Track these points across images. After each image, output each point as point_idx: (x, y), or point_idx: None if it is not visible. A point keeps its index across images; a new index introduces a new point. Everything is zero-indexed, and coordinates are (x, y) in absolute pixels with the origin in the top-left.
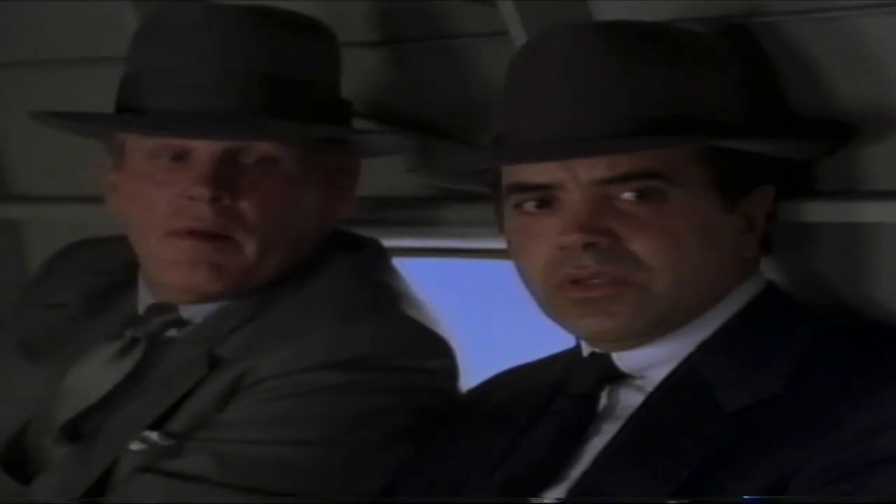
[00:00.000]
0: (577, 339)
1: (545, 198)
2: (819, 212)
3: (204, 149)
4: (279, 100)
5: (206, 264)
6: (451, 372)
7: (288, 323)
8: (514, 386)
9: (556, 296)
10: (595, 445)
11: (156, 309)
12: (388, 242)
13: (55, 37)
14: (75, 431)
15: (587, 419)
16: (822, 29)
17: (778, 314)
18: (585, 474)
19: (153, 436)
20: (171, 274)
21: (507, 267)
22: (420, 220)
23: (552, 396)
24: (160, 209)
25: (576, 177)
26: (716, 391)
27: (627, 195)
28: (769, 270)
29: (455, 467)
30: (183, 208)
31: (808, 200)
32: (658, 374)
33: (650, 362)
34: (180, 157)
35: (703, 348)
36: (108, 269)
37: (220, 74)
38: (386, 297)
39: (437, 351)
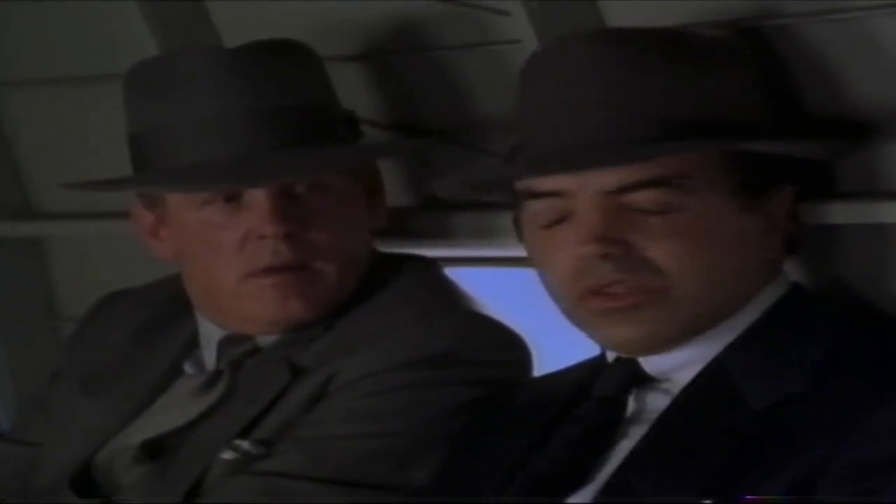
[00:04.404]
0: (603, 347)
1: (558, 206)
2: (841, 213)
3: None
4: (317, 127)
5: (297, 295)
6: (528, 364)
7: (369, 327)
8: (539, 391)
9: (581, 307)
10: (623, 448)
11: (231, 341)
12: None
13: (76, 54)
14: (156, 451)
15: (614, 423)
16: (836, 30)
17: (803, 315)
18: (614, 475)
19: (244, 444)
20: (264, 309)
21: (523, 275)
22: (431, 230)
23: (577, 401)
24: (229, 251)
25: (587, 185)
26: (743, 389)
27: (643, 201)
28: (793, 272)
29: (478, 469)
30: (258, 248)
31: (830, 202)
32: (685, 377)
33: (677, 365)
34: (234, 197)
35: (730, 349)
36: (149, 303)
37: (258, 114)
38: (458, 297)
39: (514, 344)
